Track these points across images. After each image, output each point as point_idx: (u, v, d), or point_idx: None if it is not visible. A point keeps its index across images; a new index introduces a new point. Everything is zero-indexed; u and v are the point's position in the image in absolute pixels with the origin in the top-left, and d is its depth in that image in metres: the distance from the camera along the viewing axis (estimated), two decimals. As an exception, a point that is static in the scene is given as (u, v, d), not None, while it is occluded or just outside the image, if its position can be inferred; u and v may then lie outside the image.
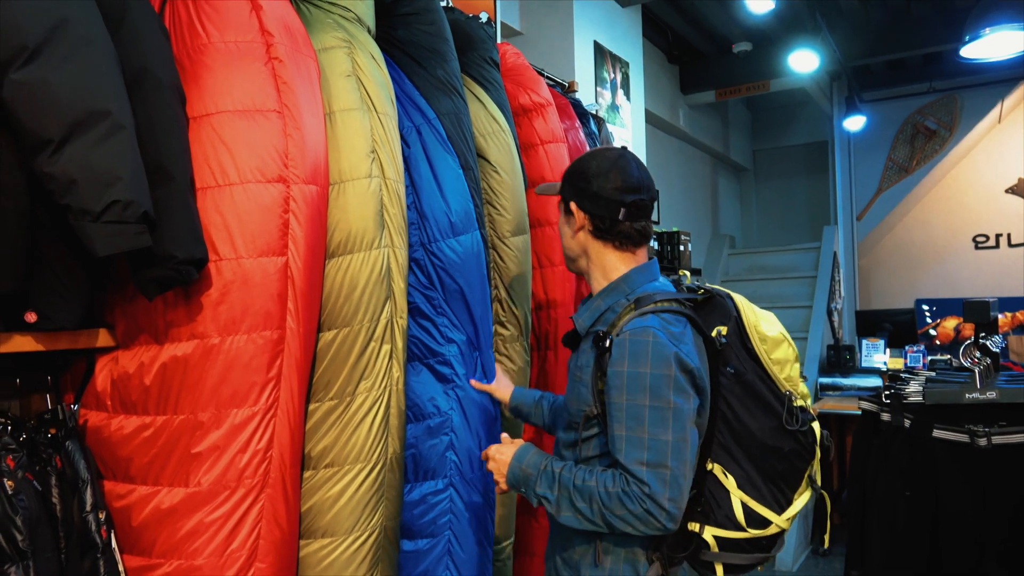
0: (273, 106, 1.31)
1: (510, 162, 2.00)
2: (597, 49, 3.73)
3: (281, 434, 1.33)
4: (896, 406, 1.48)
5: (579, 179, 1.43)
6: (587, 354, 1.39)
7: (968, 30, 3.46)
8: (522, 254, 1.99)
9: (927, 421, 1.42)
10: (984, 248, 6.85)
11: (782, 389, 1.40)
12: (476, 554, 1.78)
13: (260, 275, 1.29)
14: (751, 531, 1.38)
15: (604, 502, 1.27)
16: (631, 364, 1.28)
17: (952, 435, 1.39)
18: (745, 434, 1.38)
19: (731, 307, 1.43)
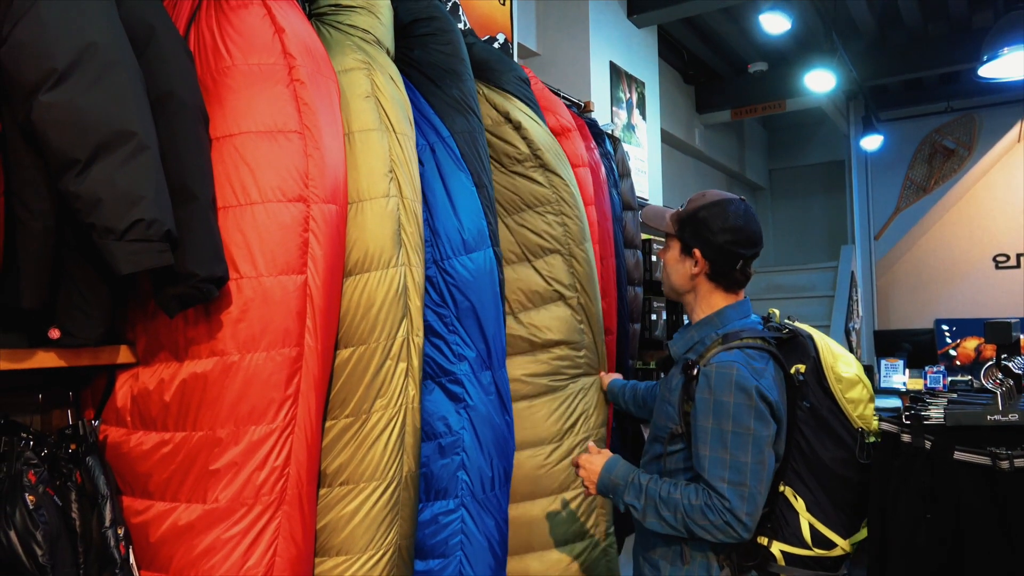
0: (294, 127, 1.33)
1: (571, 179, 2.09)
2: (613, 69, 3.75)
3: (298, 451, 1.33)
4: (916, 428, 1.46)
5: (706, 229, 1.55)
6: (676, 378, 1.55)
7: (986, 50, 3.45)
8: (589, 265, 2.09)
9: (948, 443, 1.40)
10: (1005, 268, 6.79)
11: (855, 425, 1.55)
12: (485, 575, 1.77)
13: (280, 293, 1.30)
14: (816, 550, 1.53)
15: (688, 513, 1.42)
16: (716, 392, 1.44)
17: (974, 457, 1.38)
18: (817, 463, 1.53)
19: (811, 347, 1.58)
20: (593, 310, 2.08)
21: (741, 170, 7.13)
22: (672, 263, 1.64)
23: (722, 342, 1.52)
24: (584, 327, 2.06)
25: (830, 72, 4.56)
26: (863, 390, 1.56)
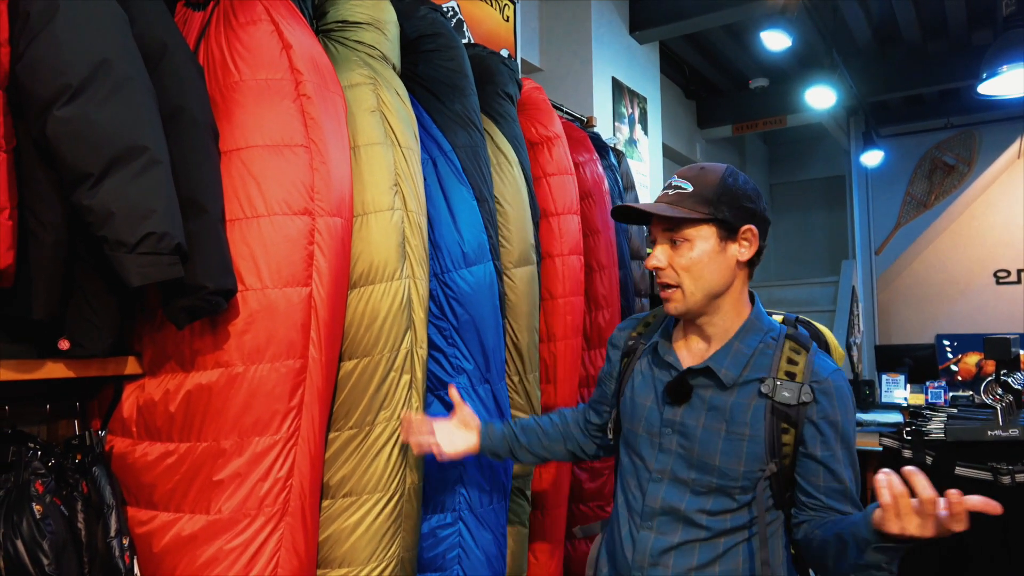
0: (300, 141, 1.35)
1: (515, 195, 2.01)
2: (615, 85, 3.78)
3: (302, 463, 1.34)
4: (918, 443, 1.47)
5: (746, 199, 1.27)
6: (743, 407, 1.25)
7: (985, 67, 3.48)
8: (527, 285, 1.99)
9: (949, 458, 1.41)
10: (1005, 283, 6.80)
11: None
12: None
13: (284, 305, 1.31)
14: None
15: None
16: (843, 412, 1.22)
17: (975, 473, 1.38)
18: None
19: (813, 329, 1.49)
20: (523, 340, 1.97)
21: (742, 185, 7.15)
22: (710, 257, 1.26)
23: (799, 345, 1.27)
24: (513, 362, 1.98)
25: (830, 88, 4.59)
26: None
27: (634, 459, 1.36)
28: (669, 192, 1.29)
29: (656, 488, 1.30)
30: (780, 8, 3.78)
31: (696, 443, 1.26)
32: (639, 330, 1.47)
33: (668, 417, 1.30)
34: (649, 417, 1.34)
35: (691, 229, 1.26)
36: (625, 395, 1.41)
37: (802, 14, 4.15)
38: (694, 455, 1.26)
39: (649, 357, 1.39)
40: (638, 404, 1.37)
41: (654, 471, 1.31)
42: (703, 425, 1.27)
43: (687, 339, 1.36)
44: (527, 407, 1.96)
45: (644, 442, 1.34)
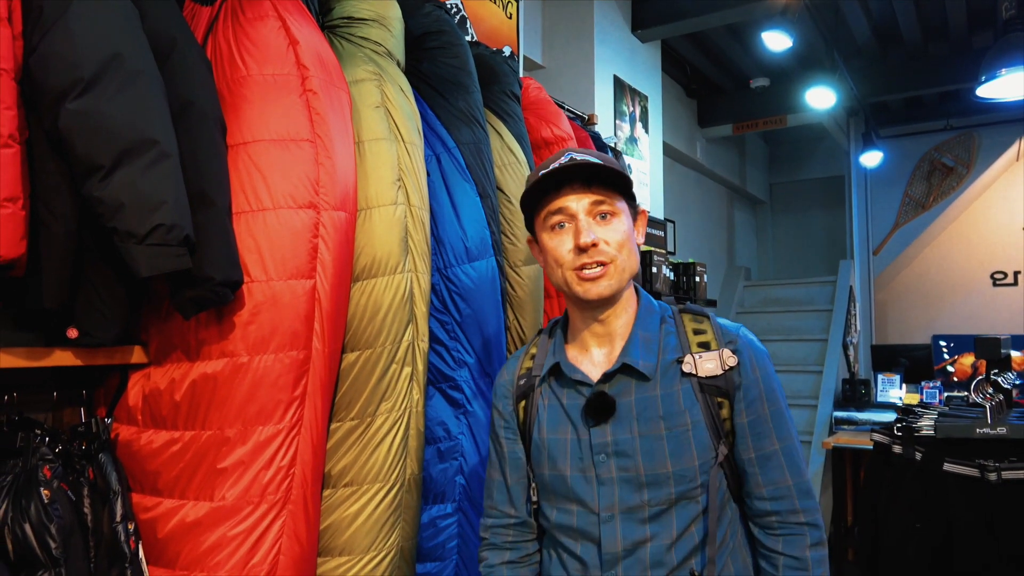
0: (306, 136, 1.37)
1: None
2: (617, 83, 3.80)
3: (304, 452, 1.36)
4: (908, 439, 1.50)
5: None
6: (672, 396, 1.13)
7: (984, 70, 3.50)
8: (533, 283, 2.02)
9: (938, 455, 1.44)
10: (1002, 285, 6.83)
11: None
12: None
13: (289, 297, 1.34)
14: None
15: None
16: (763, 368, 1.14)
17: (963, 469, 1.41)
18: None
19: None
20: (529, 337, 1.98)
21: (742, 184, 7.18)
22: (631, 238, 1.17)
23: (693, 315, 1.19)
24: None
25: (831, 89, 4.61)
26: None
27: (568, 507, 1.17)
28: (578, 160, 1.12)
29: (610, 530, 1.13)
30: (781, 8, 3.80)
31: (639, 457, 1.11)
32: (526, 365, 1.28)
33: (597, 442, 1.14)
34: (574, 451, 1.16)
35: (618, 202, 1.16)
36: (535, 441, 1.21)
37: (803, 14, 4.17)
38: (640, 472, 1.11)
39: (550, 386, 1.22)
40: (556, 441, 1.18)
41: (601, 511, 1.13)
42: (639, 434, 1.12)
43: (584, 350, 1.21)
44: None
45: (577, 482, 1.15)
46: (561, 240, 1.15)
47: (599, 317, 1.18)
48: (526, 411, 1.24)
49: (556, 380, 1.22)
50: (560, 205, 1.14)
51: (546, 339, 1.28)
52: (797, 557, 1.11)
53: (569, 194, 1.14)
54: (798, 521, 1.12)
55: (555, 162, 1.15)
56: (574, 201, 1.14)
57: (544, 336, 1.29)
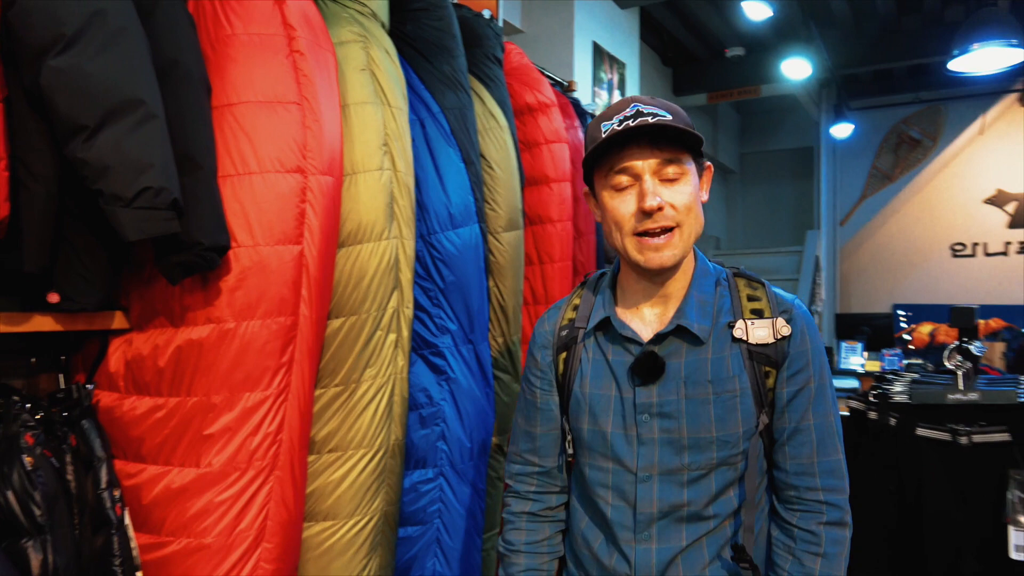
0: (293, 98, 1.34)
1: (505, 159, 2.03)
2: (596, 50, 3.77)
3: (291, 418, 1.36)
4: (883, 405, 1.55)
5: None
6: (722, 361, 1.11)
7: (957, 44, 3.54)
8: (514, 250, 2.03)
9: (912, 420, 1.49)
10: (961, 256, 7.01)
11: None
12: (464, 543, 1.83)
13: (276, 262, 1.32)
14: None
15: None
16: (814, 341, 1.12)
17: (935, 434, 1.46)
18: None
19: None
20: (509, 303, 1.99)
21: (714, 153, 7.22)
22: (697, 196, 1.12)
23: (747, 279, 1.17)
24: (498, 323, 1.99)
25: (806, 60, 4.63)
26: None
27: (604, 465, 1.16)
28: (648, 119, 1.05)
29: (646, 490, 1.12)
30: (761, -23, 3.79)
31: (683, 420, 1.10)
32: (568, 316, 1.25)
33: (642, 401, 1.12)
34: (616, 409, 1.14)
35: (687, 160, 1.09)
36: (575, 394, 1.19)
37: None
38: (684, 435, 1.10)
39: (596, 340, 1.20)
40: (599, 397, 1.16)
41: (639, 470, 1.12)
42: (685, 397, 1.10)
43: (636, 308, 1.18)
44: (510, 367, 2.01)
45: (618, 440, 1.14)
46: (623, 201, 1.09)
47: (657, 280, 1.14)
48: (566, 363, 1.20)
49: (604, 335, 1.18)
50: (625, 164, 1.08)
51: (591, 291, 1.24)
52: (811, 531, 1.10)
53: (635, 151, 1.07)
54: (816, 499, 1.11)
55: (620, 113, 1.08)
56: (640, 160, 1.07)
57: (588, 288, 1.26)
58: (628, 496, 1.13)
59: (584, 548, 1.21)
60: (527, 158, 2.26)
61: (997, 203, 6.84)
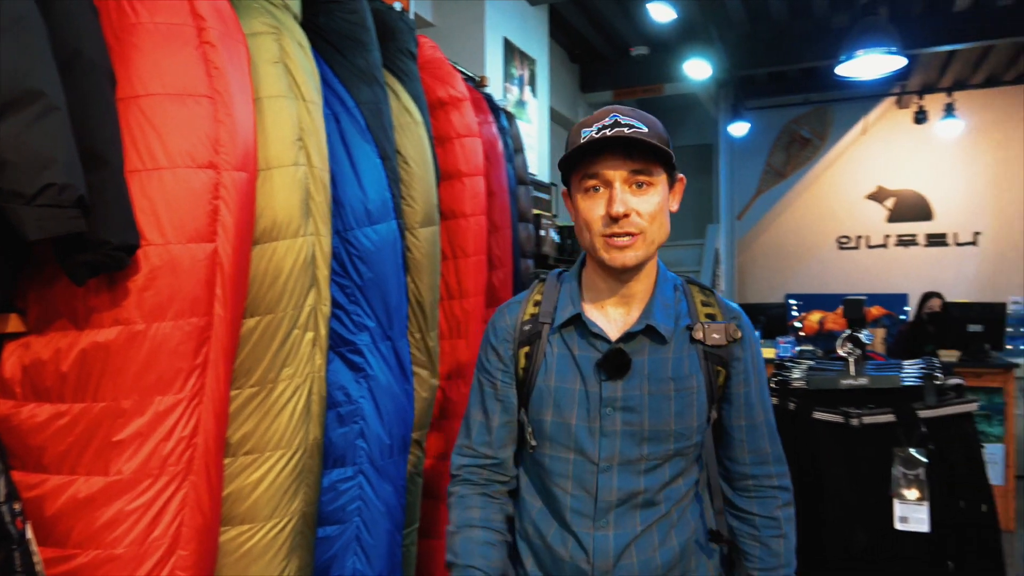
0: (204, 91, 1.30)
1: (421, 154, 2.02)
2: (507, 45, 3.80)
3: (207, 421, 1.32)
4: (783, 391, 1.65)
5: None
6: (682, 360, 1.20)
7: (844, 50, 3.78)
8: (430, 245, 2.03)
9: (809, 404, 1.60)
10: (846, 248, 7.49)
11: None
12: (386, 541, 1.82)
13: (188, 261, 1.28)
14: None
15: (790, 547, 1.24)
16: (757, 347, 1.25)
17: (830, 417, 1.58)
18: None
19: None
20: (426, 299, 2.00)
21: (619, 149, 7.38)
22: (664, 205, 1.19)
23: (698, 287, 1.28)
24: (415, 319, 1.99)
25: (706, 61, 4.82)
26: None
27: (566, 455, 1.21)
28: (625, 131, 1.12)
29: (607, 479, 1.18)
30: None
31: (645, 414, 1.17)
32: (530, 311, 1.28)
33: (607, 395, 1.18)
34: (582, 402, 1.19)
35: (657, 171, 1.16)
36: (539, 387, 1.23)
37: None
38: (645, 428, 1.17)
39: (562, 336, 1.24)
40: (564, 391, 1.21)
41: (600, 461, 1.18)
42: (649, 392, 1.17)
43: (601, 307, 1.24)
44: (428, 363, 2.01)
45: (582, 431, 1.19)
46: (594, 204, 1.15)
47: (623, 280, 1.21)
48: (529, 357, 1.24)
49: (570, 331, 1.23)
50: (597, 170, 1.14)
51: (553, 288, 1.28)
52: (771, 517, 1.23)
53: (609, 159, 1.13)
54: (772, 485, 1.24)
55: (599, 121, 1.14)
56: (611, 168, 1.14)
57: (550, 285, 1.30)
58: (589, 485, 1.19)
59: (536, 538, 1.25)
60: (439, 152, 2.26)
61: (878, 199, 7.36)
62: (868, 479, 1.55)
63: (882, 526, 1.53)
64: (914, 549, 1.56)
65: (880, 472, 1.53)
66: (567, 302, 1.25)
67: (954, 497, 1.56)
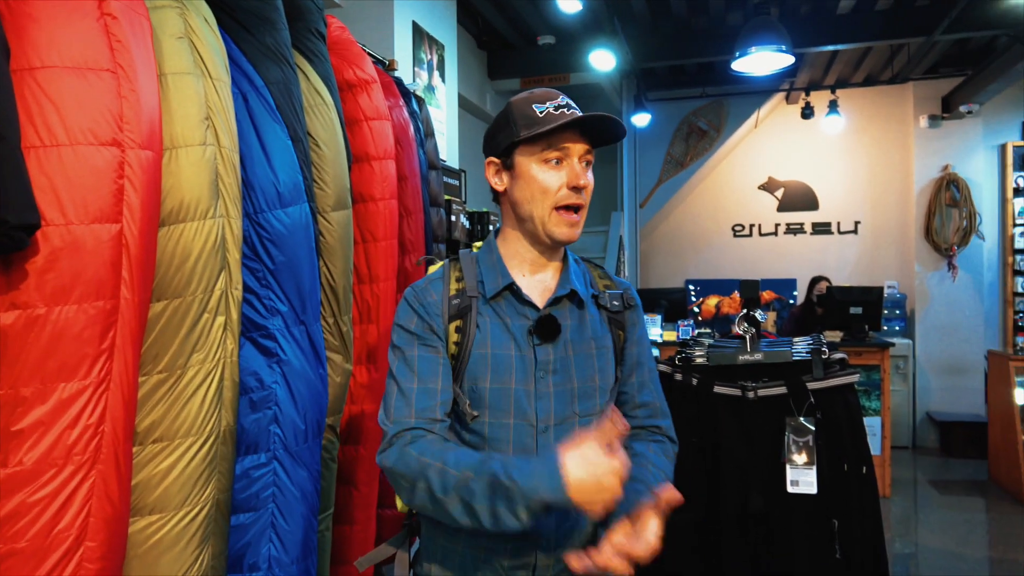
0: (106, 65, 1.25)
1: (332, 136, 2.00)
2: (416, 29, 3.78)
3: (115, 408, 1.28)
4: (686, 368, 1.75)
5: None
6: (596, 320, 1.32)
7: (738, 47, 3.97)
8: (343, 229, 2.01)
9: (710, 379, 1.70)
10: (740, 236, 7.87)
11: None
12: (301, 526, 1.81)
13: (92, 242, 1.23)
14: None
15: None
16: (643, 313, 1.40)
17: (729, 390, 1.69)
18: None
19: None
20: (340, 283, 1.99)
21: (526, 137, 7.47)
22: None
23: (589, 262, 1.42)
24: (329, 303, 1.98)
25: (611, 52, 4.95)
26: None
27: (505, 421, 1.24)
28: (577, 112, 1.25)
29: (545, 440, 1.23)
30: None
31: (573, 374, 1.26)
32: (455, 287, 1.31)
33: (542, 359, 1.25)
34: (519, 367, 1.25)
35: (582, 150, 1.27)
36: (476, 356, 1.26)
37: (588, -22, 4.40)
38: (574, 387, 1.26)
39: (492, 307, 1.28)
40: (502, 357, 1.25)
41: (538, 422, 1.24)
42: (573, 353, 1.27)
43: (525, 276, 1.31)
44: (341, 348, 2.00)
45: (520, 395, 1.24)
46: (555, 175, 1.24)
47: (551, 252, 1.31)
48: (460, 331, 1.27)
49: (500, 301, 1.29)
50: (564, 145, 1.24)
51: (470, 265, 1.33)
52: (666, 457, 1.35)
53: (569, 135, 1.24)
54: (663, 435, 1.37)
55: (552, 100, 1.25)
56: (573, 143, 1.24)
57: (466, 262, 1.33)
58: (529, 448, 1.23)
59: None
60: (348, 136, 2.23)
61: (768, 189, 7.76)
62: (763, 447, 1.67)
63: (776, 489, 1.66)
64: (803, 509, 1.69)
65: (774, 440, 1.65)
66: (494, 275, 1.30)
67: (839, 461, 1.70)
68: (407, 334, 1.28)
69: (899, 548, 4.28)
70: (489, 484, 1.07)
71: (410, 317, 1.29)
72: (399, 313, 1.31)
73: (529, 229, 1.29)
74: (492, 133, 1.32)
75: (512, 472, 1.07)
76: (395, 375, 1.27)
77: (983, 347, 6.67)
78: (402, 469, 1.17)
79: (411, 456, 1.17)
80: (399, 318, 1.31)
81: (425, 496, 1.14)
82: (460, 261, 1.35)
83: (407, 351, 1.27)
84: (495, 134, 1.31)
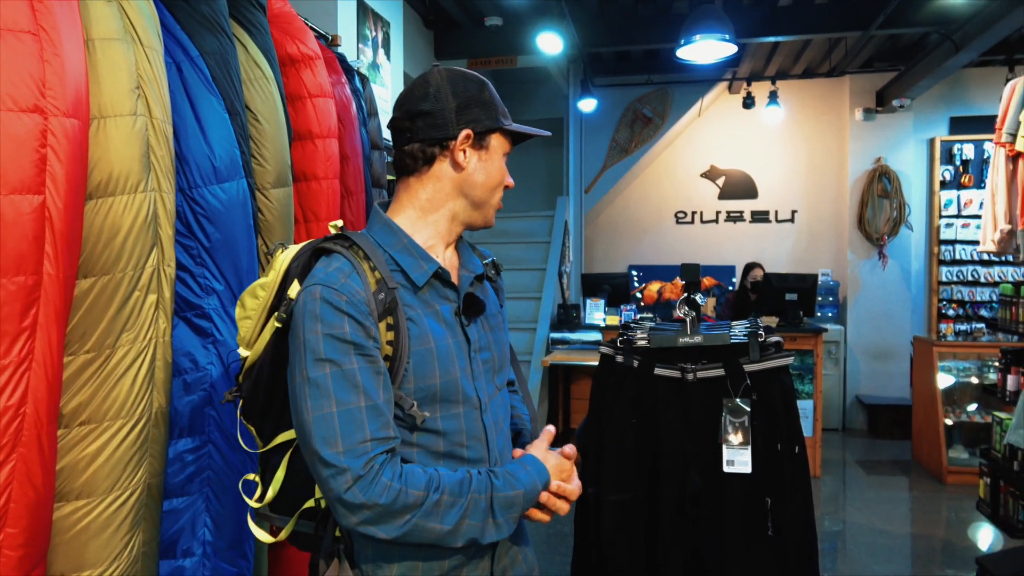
0: (28, 27, 1.18)
1: (272, 112, 1.94)
2: (360, 5, 3.70)
3: (37, 388, 1.22)
4: (628, 350, 1.77)
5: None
6: (491, 293, 1.36)
7: (683, 35, 4.02)
8: (283, 207, 1.96)
9: (650, 361, 1.73)
10: (683, 223, 8.01)
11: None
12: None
13: (12, 214, 1.16)
14: None
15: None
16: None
17: (669, 372, 1.71)
18: None
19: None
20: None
21: (473, 119, 7.40)
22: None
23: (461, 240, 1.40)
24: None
25: (558, 36, 4.94)
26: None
27: (456, 411, 1.20)
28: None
29: (488, 419, 1.24)
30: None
31: (495, 349, 1.29)
32: (372, 279, 1.16)
33: (473, 339, 1.24)
34: (458, 353, 1.21)
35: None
36: (418, 352, 1.16)
37: (537, -40, 4.38)
38: (495, 361, 1.29)
39: (419, 296, 1.20)
40: (444, 348, 1.19)
41: (484, 404, 1.24)
42: (490, 328, 1.29)
43: (438, 257, 1.26)
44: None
45: (465, 382, 1.20)
46: (505, 172, 1.31)
47: (458, 235, 1.32)
48: (393, 328, 1.14)
49: (437, 288, 1.23)
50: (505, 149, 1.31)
51: (375, 251, 1.19)
52: (521, 401, 1.48)
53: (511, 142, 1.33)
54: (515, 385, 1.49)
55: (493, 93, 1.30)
56: (508, 148, 1.32)
57: (372, 247, 1.20)
58: (478, 433, 1.23)
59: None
60: (290, 112, 2.17)
61: (710, 177, 7.91)
62: (701, 428, 1.71)
63: (713, 469, 1.70)
64: (739, 488, 1.74)
65: (711, 421, 1.69)
66: (414, 261, 1.20)
67: (773, 440, 1.75)
68: (339, 343, 1.09)
69: (828, 525, 4.46)
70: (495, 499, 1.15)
71: (340, 322, 1.10)
72: (323, 318, 1.10)
73: (470, 213, 1.27)
74: (465, 103, 1.21)
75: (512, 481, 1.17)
76: (332, 394, 1.08)
77: (910, 333, 6.97)
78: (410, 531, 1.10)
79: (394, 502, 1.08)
80: (325, 325, 1.10)
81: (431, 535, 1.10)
82: (362, 248, 1.19)
83: (344, 364, 1.09)
84: (468, 105, 1.21)
